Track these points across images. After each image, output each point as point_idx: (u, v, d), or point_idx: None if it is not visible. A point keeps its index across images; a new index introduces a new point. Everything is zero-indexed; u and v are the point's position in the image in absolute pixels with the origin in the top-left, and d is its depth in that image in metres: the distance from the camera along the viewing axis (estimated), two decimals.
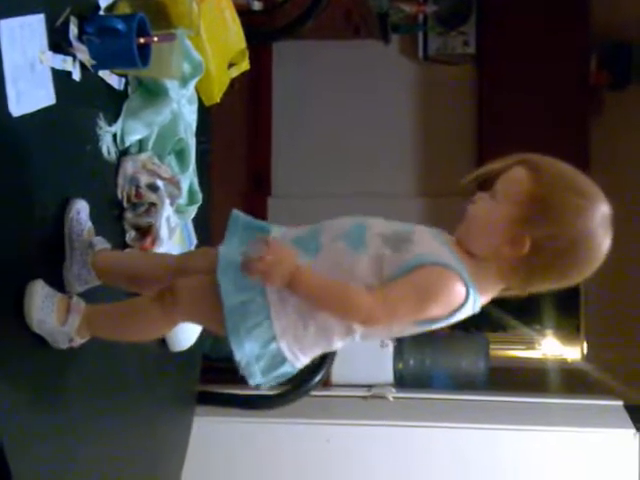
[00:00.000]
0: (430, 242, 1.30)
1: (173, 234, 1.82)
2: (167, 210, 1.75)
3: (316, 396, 2.63)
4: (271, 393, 2.41)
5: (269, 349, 1.32)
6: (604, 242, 1.28)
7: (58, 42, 1.44)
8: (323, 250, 1.31)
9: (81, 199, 1.50)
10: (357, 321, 1.28)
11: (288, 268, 1.24)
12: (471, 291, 1.27)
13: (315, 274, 1.26)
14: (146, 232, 1.73)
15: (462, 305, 1.28)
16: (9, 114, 1.31)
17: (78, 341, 1.42)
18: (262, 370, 1.33)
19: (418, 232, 1.32)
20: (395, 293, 1.26)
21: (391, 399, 2.90)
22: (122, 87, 1.69)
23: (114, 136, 1.65)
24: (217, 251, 1.36)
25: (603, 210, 1.28)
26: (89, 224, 1.52)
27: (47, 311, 1.37)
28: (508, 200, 1.28)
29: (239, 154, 4.42)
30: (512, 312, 4.68)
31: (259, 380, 1.33)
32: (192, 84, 1.87)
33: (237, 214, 1.42)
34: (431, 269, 1.26)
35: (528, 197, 1.27)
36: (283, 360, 1.33)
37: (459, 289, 1.26)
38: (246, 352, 1.31)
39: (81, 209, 1.50)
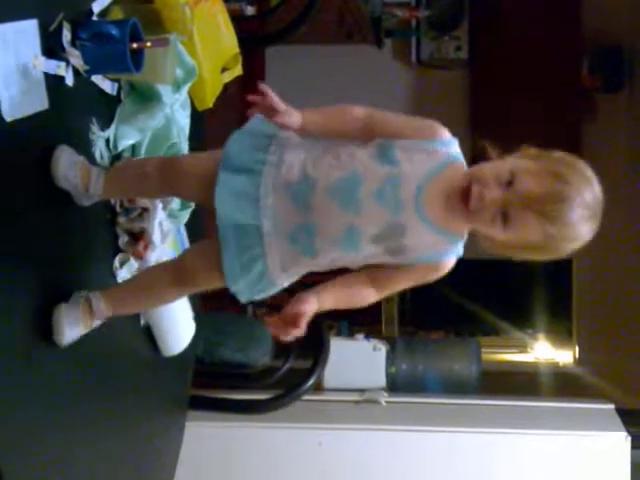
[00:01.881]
0: (422, 238, 1.37)
1: (166, 239, 1.82)
2: (160, 215, 1.75)
3: (308, 400, 2.63)
4: (264, 398, 2.41)
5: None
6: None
7: (51, 47, 1.44)
8: (320, 254, 1.41)
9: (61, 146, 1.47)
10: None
11: (312, 310, 1.36)
12: (460, 251, 1.40)
13: (327, 296, 1.40)
14: (139, 237, 1.74)
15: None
16: (2, 119, 1.31)
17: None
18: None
19: (409, 228, 1.36)
20: (397, 283, 1.43)
21: (384, 403, 2.90)
22: (115, 92, 1.69)
23: (107, 141, 1.65)
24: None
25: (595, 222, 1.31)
26: (80, 158, 1.50)
27: (74, 323, 1.45)
28: (518, 237, 1.33)
29: None
30: (504, 316, 4.69)
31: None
32: (185, 89, 1.88)
33: (225, 225, 1.41)
34: (430, 266, 1.40)
35: (537, 243, 1.32)
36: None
37: (452, 263, 1.41)
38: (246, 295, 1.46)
39: (66, 154, 1.48)
